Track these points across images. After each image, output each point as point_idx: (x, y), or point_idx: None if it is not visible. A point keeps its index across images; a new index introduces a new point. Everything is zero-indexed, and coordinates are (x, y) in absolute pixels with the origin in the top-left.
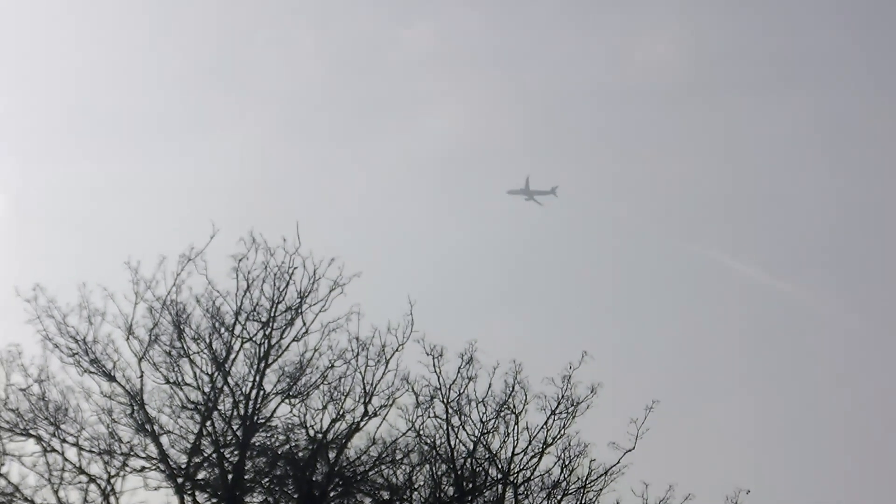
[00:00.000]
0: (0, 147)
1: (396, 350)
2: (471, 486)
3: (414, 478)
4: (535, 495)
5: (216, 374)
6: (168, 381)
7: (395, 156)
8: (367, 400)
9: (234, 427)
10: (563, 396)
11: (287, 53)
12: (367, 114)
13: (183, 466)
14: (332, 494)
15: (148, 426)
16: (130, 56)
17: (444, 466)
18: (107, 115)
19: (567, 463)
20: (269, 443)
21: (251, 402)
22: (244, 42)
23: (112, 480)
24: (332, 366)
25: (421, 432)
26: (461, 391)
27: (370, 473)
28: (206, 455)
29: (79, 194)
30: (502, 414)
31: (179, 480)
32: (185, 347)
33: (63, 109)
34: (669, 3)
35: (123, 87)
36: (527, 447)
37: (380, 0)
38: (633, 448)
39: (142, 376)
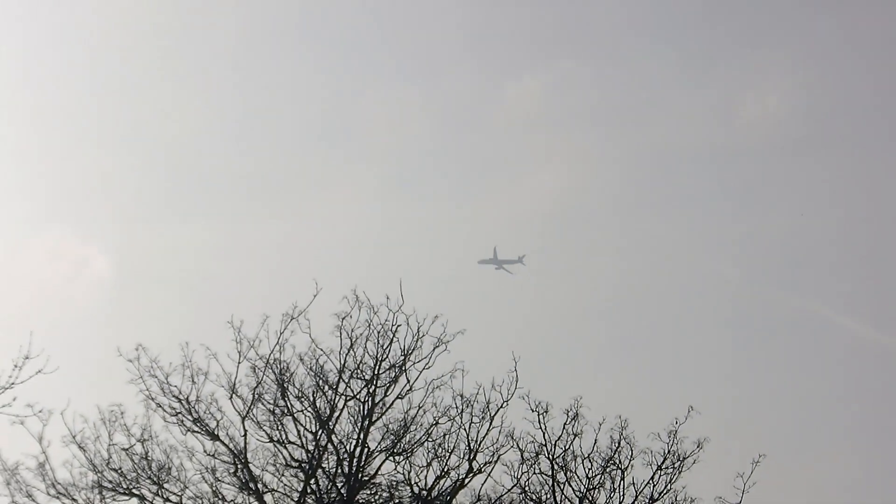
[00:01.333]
0: (106, 209)
1: (501, 407)
2: None
3: None
4: None
5: (320, 432)
6: (272, 440)
7: (500, 212)
8: (471, 457)
9: (339, 485)
10: (669, 451)
11: (393, 111)
12: (471, 170)
13: None
14: None
15: (252, 485)
16: (235, 117)
17: None
18: (210, 175)
19: None
20: (373, 500)
21: (355, 460)
22: (350, 100)
23: None
24: (437, 423)
25: (526, 488)
26: (567, 447)
27: None
28: None
29: (182, 255)
30: (608, 469)
31: None
32: (289, 406)
33: (167, 171)
34: (780, 57)
35: (228, 147)
36: (633, 502)
37: (486, 55)
38: (740, 503)
39: (245, 435)
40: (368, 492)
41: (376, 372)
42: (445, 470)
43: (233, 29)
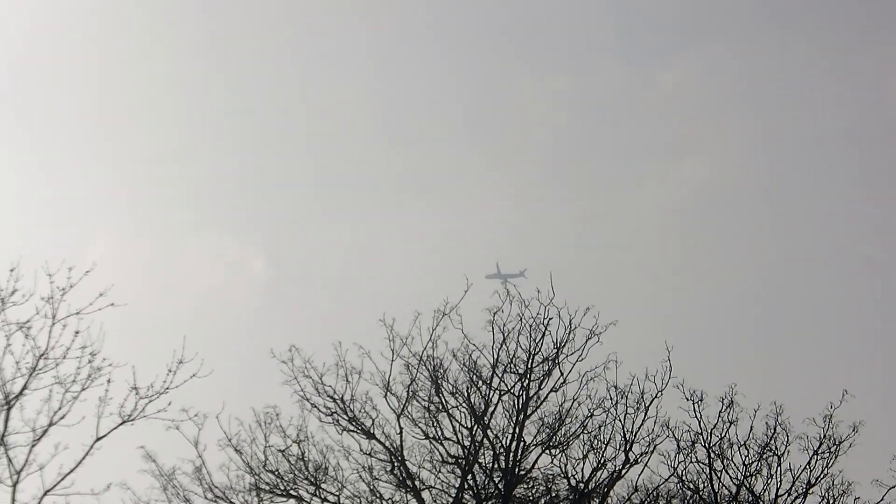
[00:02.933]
0: (263, 211)
1: (655, 397)
2: None
3: None
4: None
5: (475, 427)
6: (427, 437)
7: (651, 203)
8: (627, 447)
9: (496, 480)
10: (824, 436)
11: (542, 103)
12: (622, 161)
13: None
14: None
15: (409, 482)
16: (382, 114)
17: None
18: (361, 173)
19: (831, 503)
20: (529, 495)
21: (511, 455)
22: (498, 93)
23: None
24: (592, 415)
25: (683, 478)
26: (722, 435)
27: None
28: None
29: (335, 254)
30: (765, 456)
31: None
32: (444, 402)
33: (319, 172)
34: None
35: (375, 145)
36: (790, 488)
37: (634, 43)
38: None
39: (401, 432)
40: (525, 486)
41: (529, 366)
42: (602, 462)
43: (375, 23)
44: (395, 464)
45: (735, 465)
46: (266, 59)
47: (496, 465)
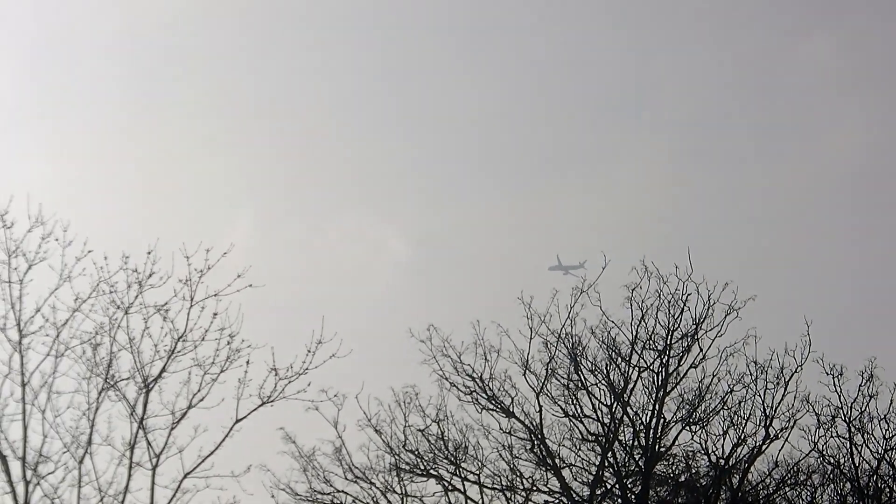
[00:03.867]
0: (403, 191)
1: (795, 371)
2: (875, 503)
3: (817, 499)
4: None
5: (615, 404)
6: (567, 415)
7: (793, 178)
8: (767, 423)
9: (636, 457)
10: None
11: (684, 77)
12: (763, 135)
13: (586, 499)
14: None
15: (549, 460)
16: (525, 93)
17: (848, 485)
18: (503, 151)
19: None
20: (670, 472)
21: (651, 432)
22: (639, 67)
23: None
24: (731, 390)
25: (824, 452)
26: (863, 409)
27: (773, 497)
28: (608, 486)
29: (475, 233)
30: None
31: None
32: (583, 380)
33: (465, 150)
34: None
35: (517, 123)
36: None
37: (776, 13)
38: None
39: (540, 411)
40: (665, 463)
41: (668, 342)
42: (742, 437)
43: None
44: (535, 442)
45: (875, 439)
46: (409, 38)
47: (636, 443)
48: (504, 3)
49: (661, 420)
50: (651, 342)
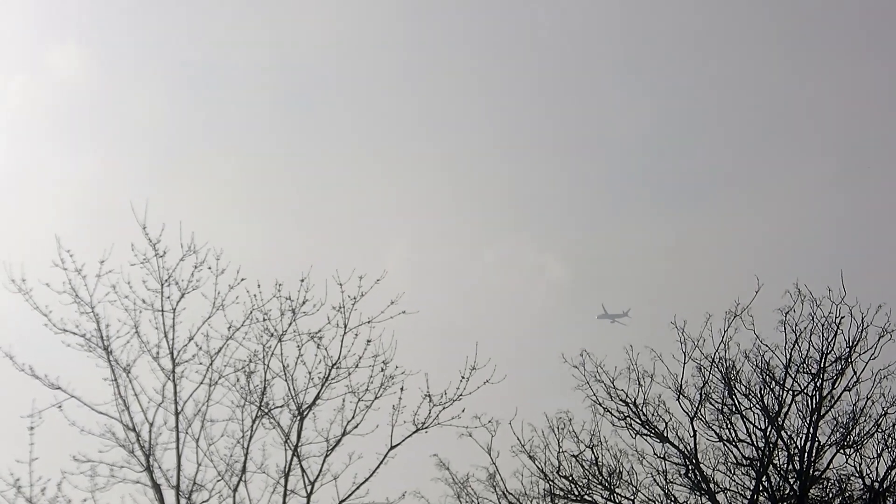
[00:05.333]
0: (561, 216)
1: None
2: None
3: None
4: None
5: (769, 428)
6: (721, 439)
7: None
8: None
9: (791, 481)
10: None
11: (844, 95)
12: None
13: None
14: None
15: (703, 484)
16: (681, 116)
17: None
18: (659, 175)
19: None
20: (824, 495)
21: (806, 455)
22: (794, 86)
23: None
24: (886, 413)
25: None
26: None
27: None
28: None
29: (628, 258)
30: None
31: None
32: (737, 404)
33: (621, 174)
34: None
35: (678, 148)
36: None
37: None
38: None
39: (694, 435)
40: (820, 486)
41: (822, 365)
42: None
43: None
44: (690, 466)
45: None
46: (566, 62)
47: (791, 466)
48: (657, 26)
49: (816, 443)
50: (805, 366)
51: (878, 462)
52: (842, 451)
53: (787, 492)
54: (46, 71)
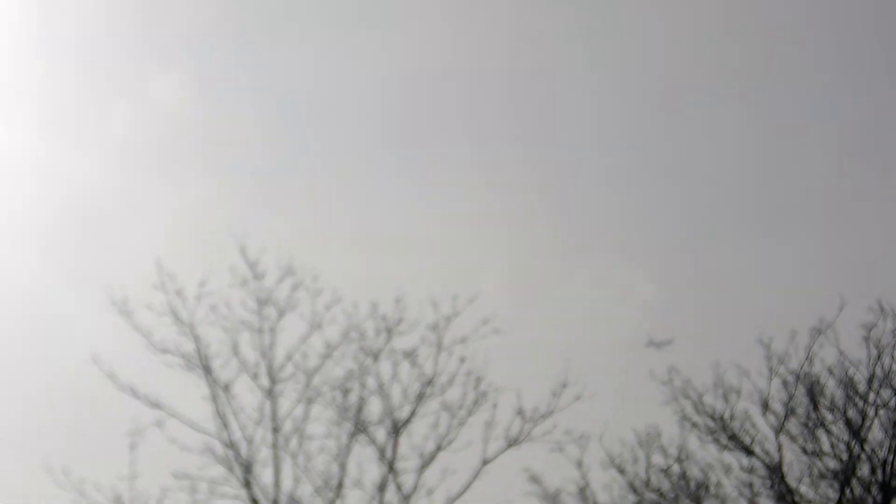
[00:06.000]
0: (652, 237)
1: None
2: None
3: None
4: None
5: (852, 441)
6: (805, 452)
7: None
8: None
9: (873, 492)
10: None
11: None
12: None
13: None
14: None
15: (789, 497)
16: (765, 140)
17: None
18: (743, 198)
19: None
20: None
21: (888, 468)
22: (881, 109)
23: None
24: None
25: None
26: None
27: None
28: None
29: (717, 278)
30: None
31: None
32: (821, 418)
33: (711, 196)
34: None
35: (764, 171)
36: None
37: None
38: None
39: (780, 449)
40: None
41: None
42: None
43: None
44: (775, 480)
45: None
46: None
47: (873, 478)
48: (731, 47)
49: None
50: (887, 380)
51: None
52: None
53: (869, 503)
54: (149, 98)
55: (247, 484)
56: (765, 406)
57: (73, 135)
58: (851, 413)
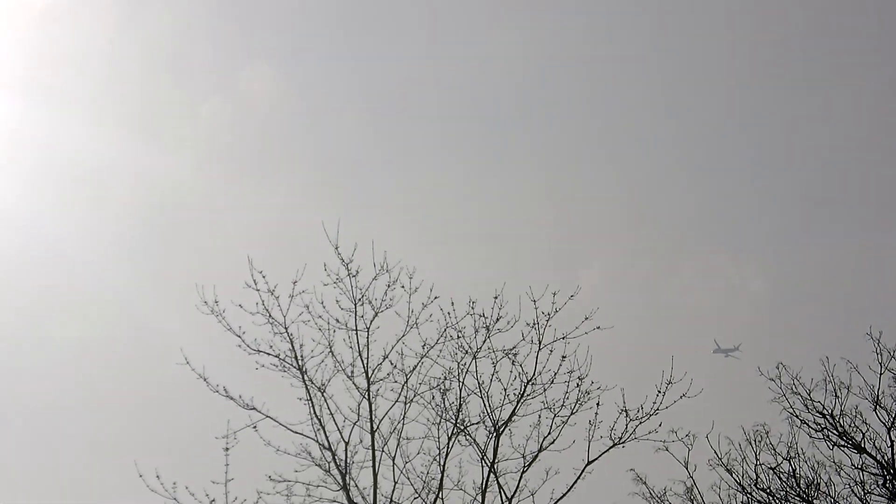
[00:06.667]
0: (759, 230)
1: None
2: None
3: None
4: None
5: None
6: None
7: None
8: None
9: None
10: None
11: None
12: None
13: None
14: None
15: None
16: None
17: None
18: (855, 188)
19: None
20: None
21: None
22: None
23: None
24: None
25: None
26: None
27: None
28: None
29: (827, 269)
30: None
31: None
32: None
33: (813, 189)
34: None
35: (865, 166)
36: None
37: None
38: None
39: (892, 445)
40: None
41: None
42: None
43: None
44: (888, 477)
45: None
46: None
47: None
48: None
49: None
50: None
51: None
52: None
53: None
54: (239, 93)
55: (344, 486)
56: (876, 402)
57: (166, 135)
58: None
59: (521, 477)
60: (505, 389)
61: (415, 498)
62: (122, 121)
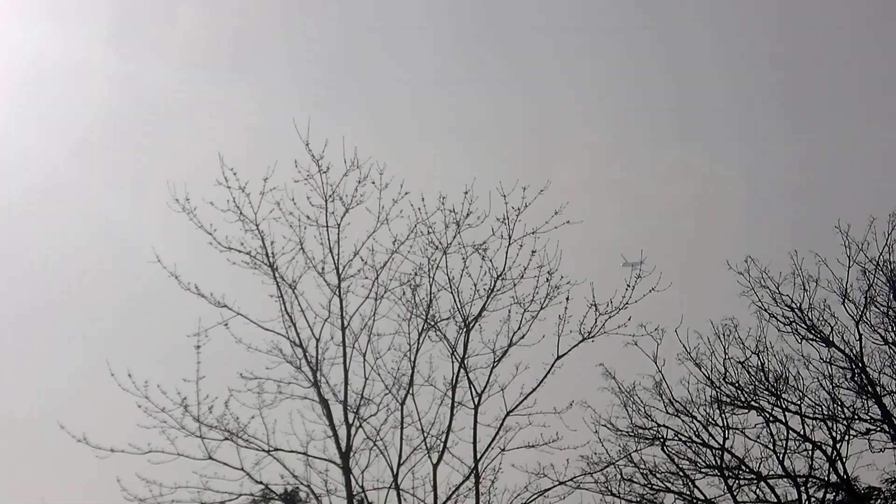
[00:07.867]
0: (732, 126)
1: None
2: None
3: None
4: None
5: None
6: (886, 342)
7: None
8: None
9: None
10: None
11: None
12: None
13: None
14: None
15: (870, 388)
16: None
17: None
18: (833, 83)
19: None
20: None
21: None
22: None
23: (837, 445)
24: None
25: None
26: None
27: None
28: None
29: (804, 165)
30: None
31: None
32: None
33: (789, 85)
34: None
35: (846, 60)
36: None
37: None
38: None
39: (860, 339)
40: None
41: None
42: None
43: None
44: (856, 370)
45: None
46: None
47: None
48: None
49: None
50: None
51: None
52: None
53: None
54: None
55: (315, 383)
56: (844, 295)
57: (141, 39)
58: None
59: (490, 372)
60: (475, 285)
61: (385, 394)
62: (98, 26)
